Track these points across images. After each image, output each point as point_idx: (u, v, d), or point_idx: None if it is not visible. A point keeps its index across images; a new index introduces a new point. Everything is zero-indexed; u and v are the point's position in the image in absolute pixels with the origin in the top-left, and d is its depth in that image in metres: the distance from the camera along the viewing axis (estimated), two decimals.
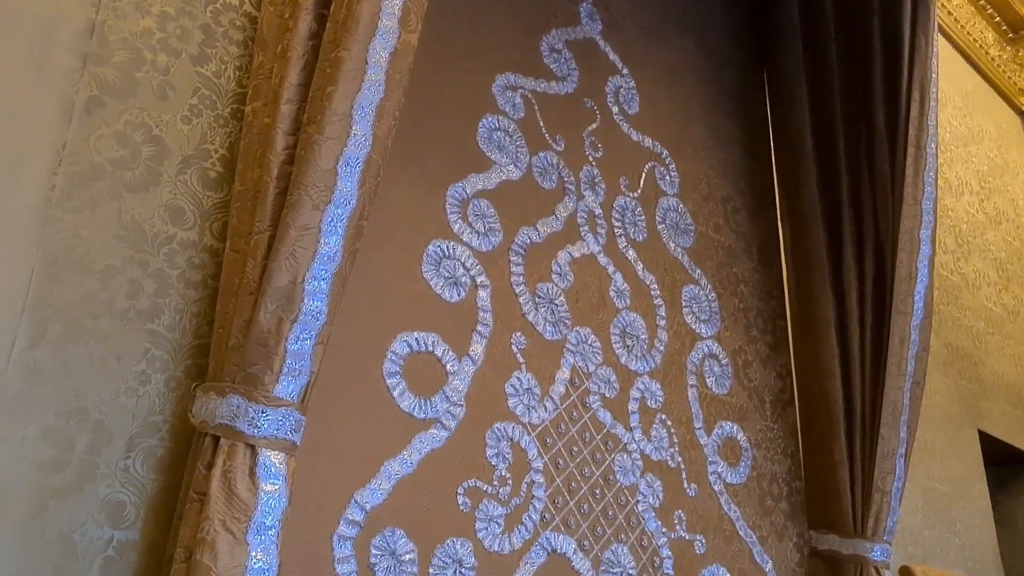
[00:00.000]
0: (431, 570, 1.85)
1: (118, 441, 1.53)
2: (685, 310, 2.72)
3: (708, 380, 2.69)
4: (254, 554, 1.36)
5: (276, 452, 1.44)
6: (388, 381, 1.92)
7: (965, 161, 4.78)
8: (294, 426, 1.48)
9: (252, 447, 1.42)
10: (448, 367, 2.04)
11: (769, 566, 2.60)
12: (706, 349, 2.72)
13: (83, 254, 1.57)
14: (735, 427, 2.70)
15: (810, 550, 2.76)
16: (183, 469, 1.53)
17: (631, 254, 2.63)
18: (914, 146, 2.77)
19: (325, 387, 1.74)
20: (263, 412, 1.44)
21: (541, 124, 2.53)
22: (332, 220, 1.53)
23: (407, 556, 1.81)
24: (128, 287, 1.61)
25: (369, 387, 1.89)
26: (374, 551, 1.77)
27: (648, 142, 2.87)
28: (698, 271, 2.83)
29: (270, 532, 1.39)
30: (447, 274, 2.12)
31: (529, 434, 2.15)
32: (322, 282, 1.51)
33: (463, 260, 2.17)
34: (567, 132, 2.60)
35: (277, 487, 1.42)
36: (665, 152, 2.91)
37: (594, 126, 2.70)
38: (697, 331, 2.73)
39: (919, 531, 3.40)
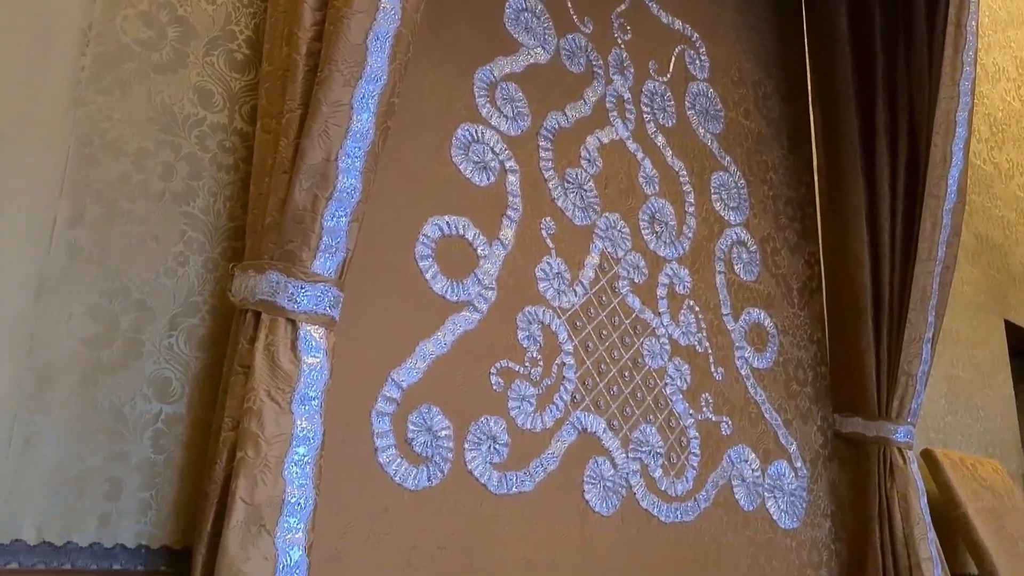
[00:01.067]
0: (466, 445, 1.90)
1: (160, 320, 1.56)
2: (714, 197, 2.70)
3: (736, 267, 2.69)
4: (299, 422, 1.40)
5: (316, 327, 1.47)
6: (420, 264, 1.93)
7: (1003, 47, 4.62)
8: (332, 302, 1.50)
9: (293, 322, 1.45)
10: (479, 251, 2.05)
11: (793, 447, 2.65)
12: (735, 236, 2.71)
13: (116, 136, 1.57)
14: (762, 313, 2.71)
15: (834, 433, 2.81)
16: (223, 348, 1.56)
17: (660, 140, 2.59)
18: (953, 24, 2.67)
19: (360, 269, 1.75)
20: (302, 288, 1.46)
21: (569, 5, 2.46)
22: (363, 96, 1.51)
23: (443, 432, 1.86)
24: (162, 169, 1.61)
25: (402, 269, 1.91)
26: (411, 427, 1.82)
27: (678, 25, 2.79)
28: (727, 158, 2.79)
29: (313, 402, 1.43)
30: (476, 158, 2.11)
31: (559, 317, 2.17)
32: (355, 159, 1.51)
33: (492, 144, 2.15)
34: (595, 14, 2.53)
35: (319, 360, 1.45)
36: (695, 35, 2.83)
37: (623, 7, 2.62)
38: (726, 218, 2.71)
39: (941, 416, 3.44)
